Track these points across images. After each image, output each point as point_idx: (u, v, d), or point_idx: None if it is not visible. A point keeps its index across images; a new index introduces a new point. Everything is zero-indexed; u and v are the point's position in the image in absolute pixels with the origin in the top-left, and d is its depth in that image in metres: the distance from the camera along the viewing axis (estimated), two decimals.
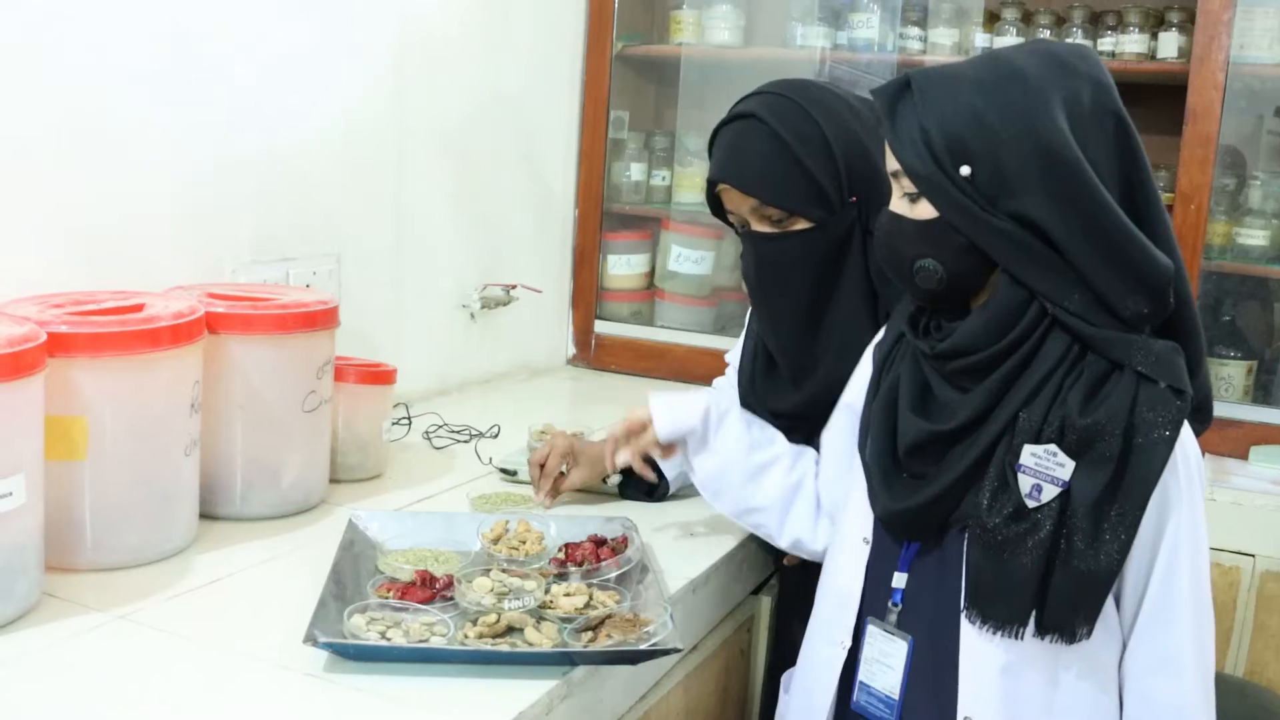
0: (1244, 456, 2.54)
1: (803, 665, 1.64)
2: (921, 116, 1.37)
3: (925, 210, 1.39)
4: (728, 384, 2.05)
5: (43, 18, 1.75)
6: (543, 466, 1.94)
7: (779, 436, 1.77)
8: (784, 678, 1.76)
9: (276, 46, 2.17)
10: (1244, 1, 2.55)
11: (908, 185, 1.39)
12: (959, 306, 1.44)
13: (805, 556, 1.75)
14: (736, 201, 1.77)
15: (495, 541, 1.66)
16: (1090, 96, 1.35)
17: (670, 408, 1.71)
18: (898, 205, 1.43)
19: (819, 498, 1.73)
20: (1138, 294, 1.33)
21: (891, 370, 1.51)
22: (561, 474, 1.94)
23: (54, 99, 1.78)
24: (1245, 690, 2.03)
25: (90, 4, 1.81)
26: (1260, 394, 2.75)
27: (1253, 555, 2.36)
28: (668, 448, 1.74)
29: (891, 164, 1.42)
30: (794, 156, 1.70)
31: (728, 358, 2.10)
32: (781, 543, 1.74)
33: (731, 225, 1.85)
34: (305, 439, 1.85)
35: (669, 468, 1.94)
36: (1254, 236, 2.72)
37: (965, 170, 1.34)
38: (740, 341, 2.02)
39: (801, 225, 1.75)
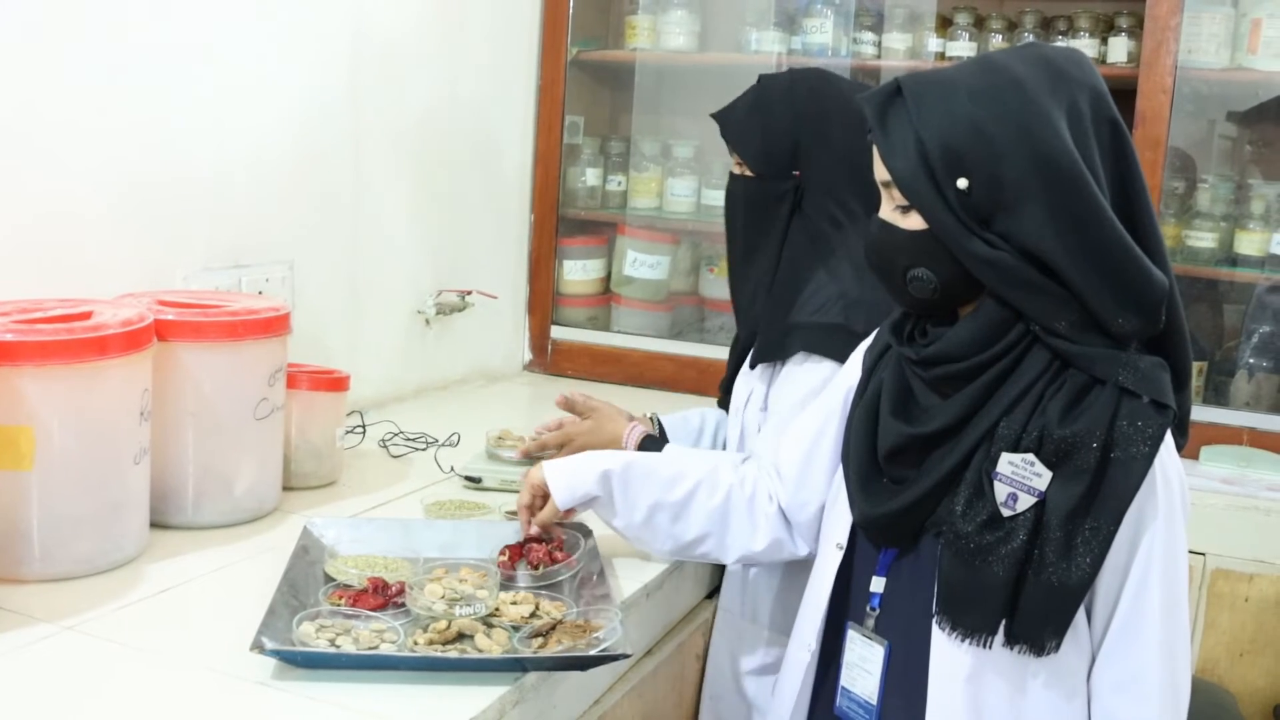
0: (1195, 456, 2.57)
1: (782, 669, 1.65)
2: (917, 126, 1.33)
3: (917, 221, 1.36)
4: None
5: None
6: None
7: (689, 463, 1.73)
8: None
9: (230, 52, 2.16)
10: (1191, 7, 2.58)
11: (899, 197, 1.37)
12: (947, 313, 1.42)
13: (758, 564, 1.74)
14: (727, 144, 2.05)
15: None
16: (1088, 104, 1.33)
17: (567, 474, 1.67)
18: (889, 215, 1.40)
19: (753, 501, 1.69)
20: (1130, 311, 1.31)
21: (876, 376, 1.50)
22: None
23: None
24: (1196, 687, 2.04)
25: (42, 9, 1.80)
26: (1211, 395, 2.79)
27: (1203, 554, 2.39)
28: (569, 512, 1.69)
29: (881, 173, 1.39)
30: (761, 120, 1.98)
31: None
32: (730, 561, 1.73)
33: None
34: (258, 446, 1.84)
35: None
36: (1203, 239, 2.76)
37: (962, 183, 1.31)
38: None
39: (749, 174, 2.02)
